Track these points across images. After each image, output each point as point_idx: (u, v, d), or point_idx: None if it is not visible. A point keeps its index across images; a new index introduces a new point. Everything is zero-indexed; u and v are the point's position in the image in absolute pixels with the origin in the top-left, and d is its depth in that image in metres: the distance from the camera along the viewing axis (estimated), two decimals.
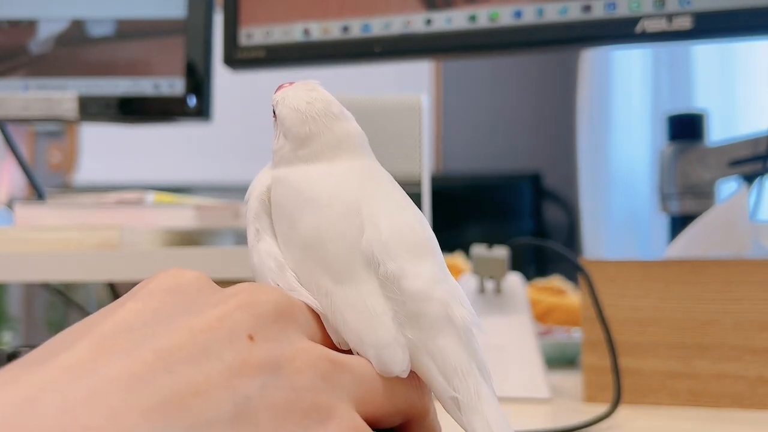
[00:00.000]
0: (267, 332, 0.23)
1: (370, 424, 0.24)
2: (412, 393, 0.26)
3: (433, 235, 0.28)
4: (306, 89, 0.29)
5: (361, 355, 0.25)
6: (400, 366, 0.25)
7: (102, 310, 0.23)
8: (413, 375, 0.26)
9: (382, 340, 0.25)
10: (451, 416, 0.25)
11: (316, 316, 0.26)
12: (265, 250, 0.28)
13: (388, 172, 0.31)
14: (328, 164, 0.28)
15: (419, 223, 0.28)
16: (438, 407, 0.27)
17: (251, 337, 0.22)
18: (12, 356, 0.44)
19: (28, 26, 0.75)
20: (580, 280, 0.55)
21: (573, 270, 0.56)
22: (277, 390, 0.22)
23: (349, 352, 0.25)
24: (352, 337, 0.25)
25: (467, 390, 0.25)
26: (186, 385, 0.20)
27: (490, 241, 0.65)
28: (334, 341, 0.26)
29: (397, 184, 0.30)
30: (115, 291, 0.82)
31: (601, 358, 0.53)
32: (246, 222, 0.29)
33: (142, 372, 0.20)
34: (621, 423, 0.48)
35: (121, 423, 0.19)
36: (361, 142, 0.30)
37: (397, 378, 0.25)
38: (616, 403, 0.48)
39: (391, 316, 0.25)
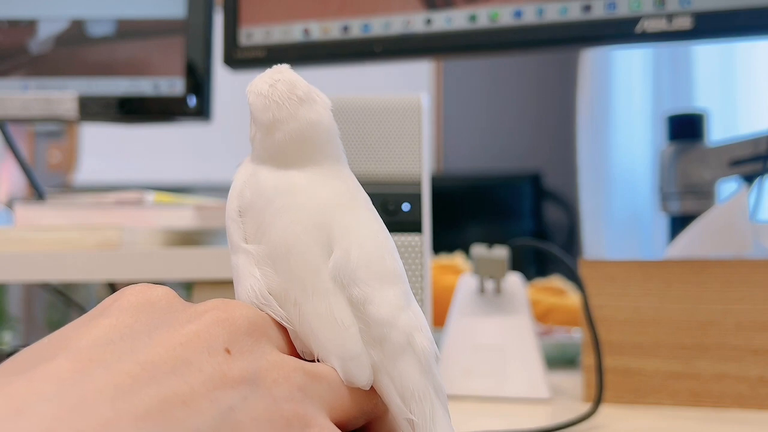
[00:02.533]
0: (242, 346, 0.24)
1: (340, 428, 0.25)
2: (375, 394, 0.26)
3: (401, 262, 0.28)
4: (272, 72, 0.29)
5: (326, 364, 0.26)
6: (366, 378, 0.26)
7: (72, 325, 0.23)
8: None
9: (349, 352, 0.26)
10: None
11: (284, 329, 0.27)
12: (244, 257, 0.28)
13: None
14: (300, 170, 0.28)
15: (388, 251, 0.28)
16: None
17: (228, 351, 0.23)
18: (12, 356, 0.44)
19: (28, 26, 0.75)
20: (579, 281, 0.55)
21: (570, 271, 0.56)
22: (258, 401, 0.23)
23: (313, 360, 0.26)
24: (320, 348, 0.26)
25: (423, 414, 0.25)
26: (172, 395, 0.21)
27: (490, 241, 0.65)
28: (298, 350, 0.27)
29: (367, 197, 0.30)
30: (115, 291, 0.82)
31: (601, 359, 0.53)
32: (226, 218, 0.29)
33: (127, 383, 0.20)
34: (621, 423, 0.48)
35: (114, 430, 0.19)
36: (328, 137, 0.29)
37: None
38: (597, 402, 0.48)
39: (358, 330, 0.26)
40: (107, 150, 2.37)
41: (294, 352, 0.26)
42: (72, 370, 0.20)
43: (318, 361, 0.26)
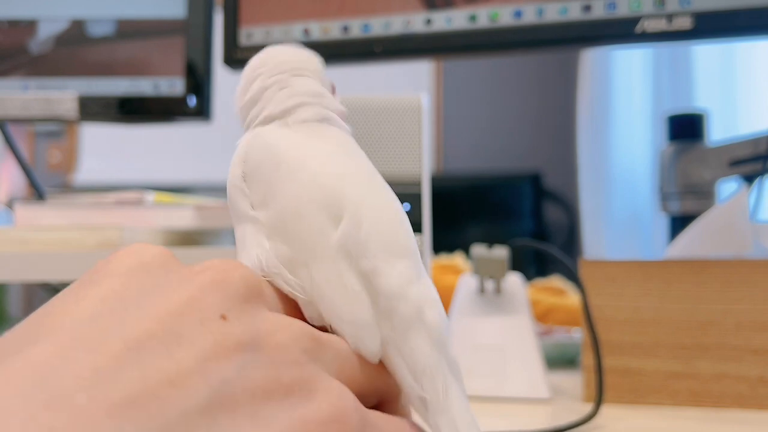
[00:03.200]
0: (240, 309, 0.22)
1: None
2: (388, 373, 0.25)
3: (413, 236, 0.27)
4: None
5: (336, 332, 0.25)
6: (375, 348, 0.25)
7: (61, 296, 0.22)
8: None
9: (360, 318, 0.25)
10: (420, 416, 0.25)
11: (284, 295, 0.25)
12: (251, 225, 0.27)
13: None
14: (308, 130, 0.28)
15: (401, 224, 0.27)
16: None
17: (224, 317, 0.21)
18: None
19: (28, 26, 0.75)
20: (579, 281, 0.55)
21: (570, 272, 0.56)
22: (255, 369, 0.21)
23: (322, 329, 0.25)
24: (331, 314, 0.25)
25: (435, 390, 0.24)
26: (156, 375, 0.19)
27: (490, 241, 0.65)
28: (307, 316, 0.25)
29: (374, 167, 0.29)
30: None
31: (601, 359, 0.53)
32: (229, 186, 0.28)
33: (108, 366, 0.19)
34: (621, 423, 0.48)
35: (85, 423, 0.17)
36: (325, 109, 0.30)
37: None
38: (598, 404, 0.48)
39: (369, 299, 0.25)
40: (107, 150, 2.37)
41: (298, 315, 0.25)
42: (53, 355, 0.19)
43: (330, 330, 0.25)
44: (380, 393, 0.25)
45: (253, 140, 0.28)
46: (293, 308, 0.25)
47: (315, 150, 0.28)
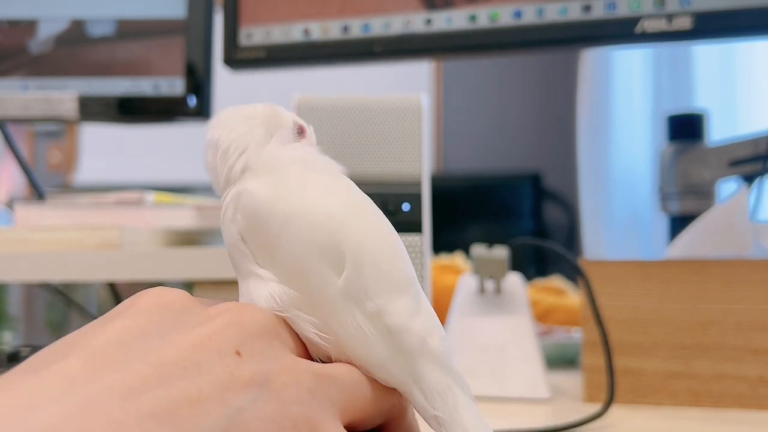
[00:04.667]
0: (253, 348, 0.24)
1: (356, 426, 0.26)
2: (393, 393, 0.27)
3: (410, 262, 0.29)
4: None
5: (359, 367, 0.26)
6: (401, 376, 0.27)
7: (89, 325, 0.24)
8: None
9: (381, 357, 0.26)
10: None
11: (294, 331, 0.27)
12: (262, 282, 0.28)
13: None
14: (298, 179, 0.29)
15: (398, 256, 0.28)
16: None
17: (238, 353, 0.23)
18: (12, 356, 0.44)
19: (28, 26, 0.75)
20: (580, 280, 0.55)
21: (573, 270, 0.56)
22: (266, 403, 0.23)
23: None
24: (351, 355, 0.26)
25: (447, 407, 0.26)
26: (180, 396, 0.21)
27: (490, 241, 0.65)
28: (325, 354, 0.27)
29: (371, 201, 0.30)
30: (115, 291, 0.82)
31: (600, 358, 0.53)
32: (227, 245, 0.29)
33: (137, 383, 0.21)
34: (621, 423, 0.48)
35: (118, 428, 0.19)
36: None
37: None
38: (609, 403, 0.48)
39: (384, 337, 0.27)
40: (107, 150, 2.37)
41: (306, 354, 0.27)
42: (83, 369, 0.21)
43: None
44: (387, 413, 0.27)
45: (238, 199, 0.29)
46: (305, 346, 0.27)
47: (301, 197, 0.28)
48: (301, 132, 0.32)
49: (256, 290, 0.27)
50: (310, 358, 0.27)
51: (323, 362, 0.27)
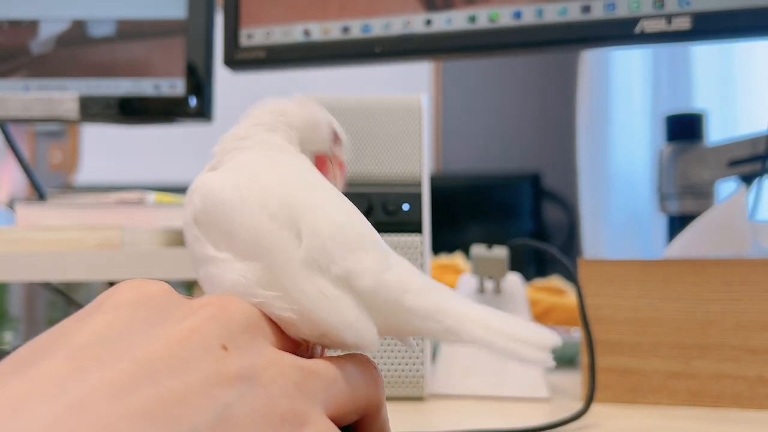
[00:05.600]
0: (238, 342, 0.24)
1: (335, 422, 0.26)
2: (369, 388, 0.27)
3: (371, 228, 0.29)
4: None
5: (337, 339, 0.27)
6: (372, 336, 0.27)
7: (69, 321, 0.24)
8: (370, 369, 0.28)
9: (347, 319, 0.27)
10: (459, 344, 0.28)
11: (277, 326, 0.27)
12: (223, 263, 0.28)
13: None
14: (239, 161, 0.30)
15: (356, 217, 0.29)
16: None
17: (224, 347, 0.23)
18: None
19: (29, 27, 0.75)
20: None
21: (570, 269, 0.56)
22: (254, 398, 0.23)
23: (312, 342, 0.27)
24: (320, 323, 0.27)
25: (451, 315, 0.28)
26: (168, 393, 0.21)
27: (490, 241, 0.65)
28: (300, 333, 0.27)
29: (312, 167, 0.31)
30: None
31: (600, 359, 0.53)
32: (184, 230, 0.30)
33: (124, 381, 0.20)
34: (620, 423, 0.48)
35: (107, 428, 0.19)
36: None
37: (357, 374, 0.27)
38: (589, 402, 0.49)
39: (349, 298, 0.27)
40: (108, 150, 2.37)
41: (289, 345, 0.27)
42: (69, 369, 0.21)
43: (325, 336, 0.27)
44: (363, 408, 0.27)
45: (197, 183, 0.30)
46: (287, 337, 0.27)
47: (251, 179, 0.29)
48: (336, 140, 0.33)
49: (220, 271, 0.28)
50: (292, 350, 0.27)
51: (303, 347, 0.27)
